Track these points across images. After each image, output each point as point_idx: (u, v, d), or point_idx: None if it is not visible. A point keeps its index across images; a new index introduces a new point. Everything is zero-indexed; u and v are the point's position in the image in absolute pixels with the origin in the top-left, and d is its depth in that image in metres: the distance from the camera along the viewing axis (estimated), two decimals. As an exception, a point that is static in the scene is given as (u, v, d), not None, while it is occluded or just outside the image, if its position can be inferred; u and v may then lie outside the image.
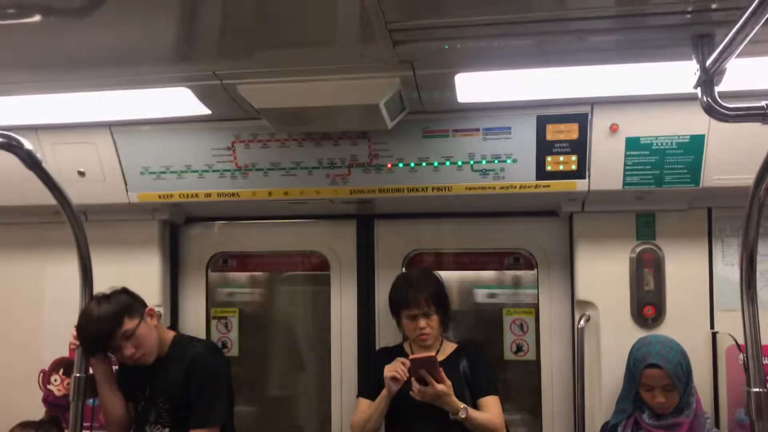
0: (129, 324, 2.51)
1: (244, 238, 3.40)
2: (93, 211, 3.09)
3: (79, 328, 2.46)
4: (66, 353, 3.07)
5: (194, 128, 2.72)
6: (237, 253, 3.45)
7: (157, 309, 3.08)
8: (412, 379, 2.50)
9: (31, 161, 2.01)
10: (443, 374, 2.47)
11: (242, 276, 3.53)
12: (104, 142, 2.78)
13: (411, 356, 2.49)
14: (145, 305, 2.66)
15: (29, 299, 3.29)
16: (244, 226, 3.39)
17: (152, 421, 2.67)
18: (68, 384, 2.94)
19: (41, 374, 3.14)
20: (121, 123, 2.73)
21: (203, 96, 2.38)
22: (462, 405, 2.49)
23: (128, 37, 1.91)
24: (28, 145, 1.98)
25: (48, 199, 2.16)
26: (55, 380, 3.05)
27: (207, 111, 2.52)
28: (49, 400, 3.04)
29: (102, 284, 2.55)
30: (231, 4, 1.71)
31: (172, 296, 3.31)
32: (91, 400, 2.62)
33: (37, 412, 3.02)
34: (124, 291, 2.63)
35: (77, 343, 2.46)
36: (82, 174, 2.85)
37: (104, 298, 2.53)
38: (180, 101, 2.41)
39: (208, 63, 2.13)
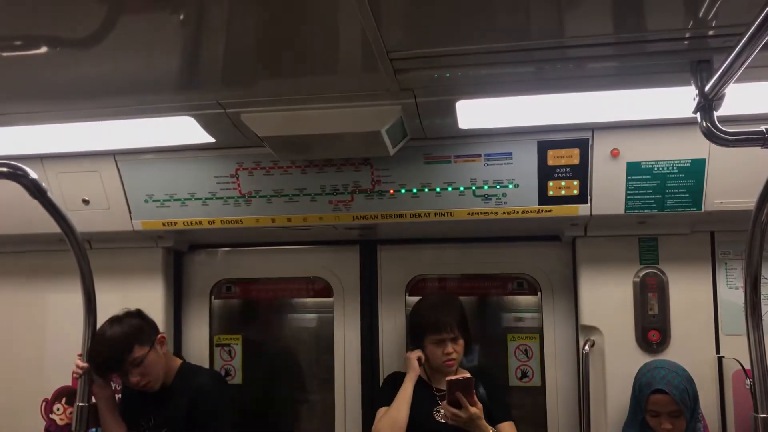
0: (139, 351, 2.51)
1: (248, 264, 3.40)
2: (97, 239, 3.11)
3: (91, 349, 2.46)
4: (69, 382, 3.06)
5: (198, 156, 2.74)
6: (240, 279, 3.45)
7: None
8: (443, 402, 2.49)
9: (36, 190, 2.02)
10: (476, 397, 2.46)
11: (246, 303, 3.53)
12: (108, 170, 2.80)
13: (449, 378, 2.46)
14: (157, 331, 2.66)
15: (32, 327, 3.29)
16: (248, 252, 3.39)
17: None
18: (71, 413, 2.93)
19: (44, 403, 3.13)
20: (126, 151, 2.75)
21: (207, 124, 2.40)
22: (491, 429, 2.49)
23: (132, 67, 1.93)
24: (33, 174, 2.00)
25: (52, 227, 2.18)
26: (58, 409, 3.03)
27: (211, 139, 2.54)
28: (51, 429, 3.02)
29: (106, 312, 2.55)
30: (234, 34, 1.73)
31: (175, 323, 3.30)
32: (93, 430, 2.61)
33: (39, 441, 3.01)
34: (138, 314, 2.64)
35: (80, 372, 2.46)
36: (86, 202, 2.87)
37: (117, 320, 2.54)
38: (184, 130, 2.43)
39: (212, 92, 2.15)
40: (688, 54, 1.80)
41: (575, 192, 2.56)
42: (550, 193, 2.57)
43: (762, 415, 1.76)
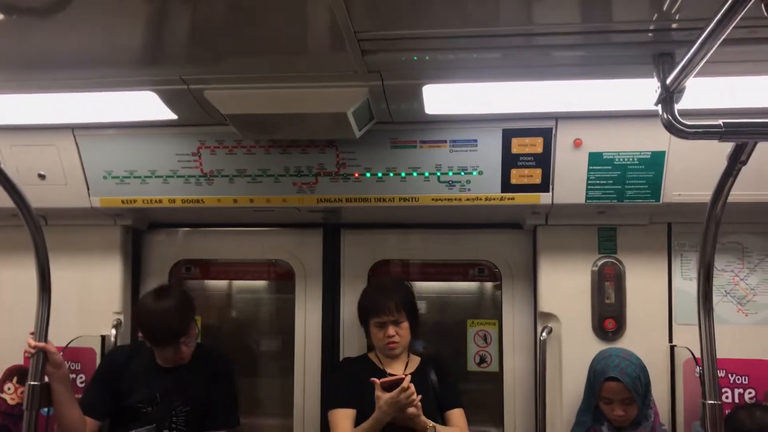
0: (191, 326, 2.63)
1: (209, 245, 3.36)
2: (53, 216, 3.04)
3: (146, 322, 2.56)
4: (21, 361, 2.99)
5: (159, 133, 2.69)
6: (201, 260, 3.41)
7: (117, 317, 3.05)
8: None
9: (-11, 162, 1.96)
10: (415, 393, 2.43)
11: (205, 284, 3.49)
12: (66, 144, 2.73)
13: (381, 380, 2.43)
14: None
15: (-17, 304, 3.20)
16: (209, 233, 3.35)
17: (166, 426, 2.64)
18: (22, 393, 2.86)
19: (-6, 382, 3.06)
20: (84, 126, 2.68)
21: (169, 100, 2.35)
22: (431, 423, 2.46)
23: (94, 38, 1.88)
24: (-15, 145, 1.94)
25: (6, 201, 2.11)
26: (9, 389, 2.97)
27: (173, 116, 2.49)
28: (1, 409, 2.95)
29: (61, 290, 2.49)
30: (200, 8, 1.69)
31: (133, 304, 3.24)
32: (45, 410, 2.56)
33: (-12, 421, 2.94)
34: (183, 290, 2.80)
35: (32, 351, 2.40)
36: (42, 177, 2.79)
37: (166, 292, 2.62)
38: (145, 105, 2.38)
39: (175, 67, 2.11)
40: (651, 46, 1.83)
41: (538, 180, 2.58)
42: (513, 181, 2.59)
43: (710, 402, 1.81)
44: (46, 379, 2.46)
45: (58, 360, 2.50)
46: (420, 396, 2.43)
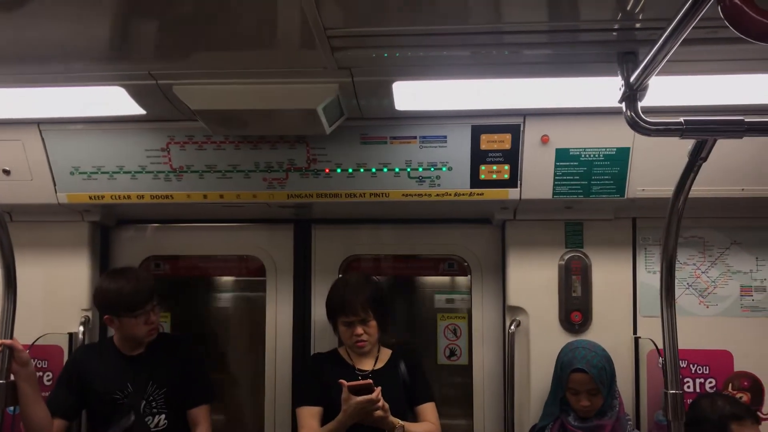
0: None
1: (178, 241, 3.34)
2: (18, 212, 2.99)
3: (113, 291, 2.54)
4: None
5: (128, 128, 2.66)
6: (170, 257, 3.38)
7: (85, 314, 3.01)
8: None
9: (-48, 157, 1.93)
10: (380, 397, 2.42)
11: (175, 280, 3.46)
12: (32, 139, 2.69)
13: (348, 384, 2.40)
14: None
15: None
16: (179, 229, 3.33)
17: (147, 412, 2.62)
18: (-14, 391, 2.81)
19: (-43, 381, 2.99)
20: (51, 120, 2.64)
21: (137, 95, 2.33)
22: (399, 423, 2.45)
23: (60, 32, 1.86)
24: (-52, 140, 1.90)
25: (-31, 198, 2.09)
26: (-26, 387, 2.91)
27: (141, 111, 2.47)
28: (-34, 408, 2.89)
29: (28, 287, 2.46)
30: (168, 3, 1.68)
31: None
32: (11, 408, 2.52)
33: (-48, 421, 2.89)
34: None
35: (-1, 349, 2.37)
36: (7, 172, 2.75)
37: (122, 269, 2.70)
38: (113, 100, 2.36)
39: (144, 62, 2.09)
40: (615, 45, 1.87)
41: (506, 176, 2.62)
42: (482, 176, 2.63)
43: (671, 391, 1.87)
44: (12, 377, 2.44)
45: (24, 358, 2.47)
46: (383, 403, 2.40)
